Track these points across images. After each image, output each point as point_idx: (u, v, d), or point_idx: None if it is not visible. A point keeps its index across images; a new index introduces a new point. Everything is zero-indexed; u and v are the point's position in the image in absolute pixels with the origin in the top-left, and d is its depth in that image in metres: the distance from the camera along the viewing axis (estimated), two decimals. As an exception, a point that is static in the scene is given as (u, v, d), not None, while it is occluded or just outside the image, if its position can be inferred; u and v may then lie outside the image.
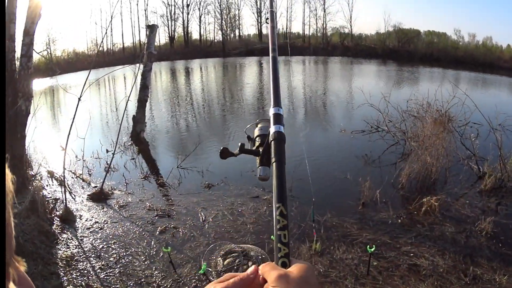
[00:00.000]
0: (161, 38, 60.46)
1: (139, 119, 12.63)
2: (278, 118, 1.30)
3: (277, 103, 1.36)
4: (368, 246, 5.34)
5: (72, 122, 7.64)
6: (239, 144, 1.38)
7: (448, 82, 21.29)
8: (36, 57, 8.78)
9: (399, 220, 7.06)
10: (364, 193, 7.78)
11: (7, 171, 0.82)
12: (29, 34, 8.11)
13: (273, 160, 1.20)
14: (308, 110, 19.04)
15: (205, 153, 11.44)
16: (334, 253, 5.95)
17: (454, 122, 10.49)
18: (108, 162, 9.77)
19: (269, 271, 0.94)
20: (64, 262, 5.74)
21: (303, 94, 23.09)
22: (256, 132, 1.46)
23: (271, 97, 1.39)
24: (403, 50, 54.10)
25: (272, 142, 1.24)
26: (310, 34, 66.46)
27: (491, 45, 52.19)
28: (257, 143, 1.42)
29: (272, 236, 5.73)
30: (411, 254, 5.91)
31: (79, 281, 5.30)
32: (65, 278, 5.36)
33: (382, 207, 7.59)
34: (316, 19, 65.96)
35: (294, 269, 0.94)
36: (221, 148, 1.44)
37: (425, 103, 10.76)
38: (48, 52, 45.00)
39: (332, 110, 19.02)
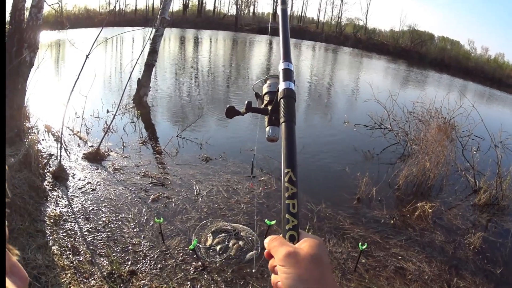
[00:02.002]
0: (175, 5, 60.23)
1: (143, 83, 12.54)
2: (288, 74, 1.21)
3: (287, 58, 1.26)
4: (360, 243, 5.33)
5: (77, 78, 7.51)
6: (246, 102, 1.33)
7: (455, 90, 21.29)
8: (46, 9, 8.67)
9: (392, 221, 7.05)
10: (361, 189, 7.74)
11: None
12: (42, -15, 8.04)
13: (282, 119, 1.13)
14: (313, 96, 18.91)
15: (206, 125, 11.42)
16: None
17: (457, 132, 10.46)
18: (108, 123, 9.72)
19: (277, 247, 0.88)
20: (52, 220, 5.66)
21: (309, 79, 22.96)
22: (265, 89, 1.38)
23: (280, 51, 1.27)
24: (415, 51, 54.04)
25: (281, 100, 1.16)
26: (324, 21, 66.31)
27: (503, 62, 52.17)
28: (265, 101, 1.35)
29: (266, 220, 5.73)
30: (399, 257, 5.91)
31: (65, 242, 5.22)
32: (51, 237, 5.27)
33: (377, 205, 7.58)
34: (333, 7, 65.97)
35: (305, 246, 0.86)
36: (227, 106, 1.37)
37: (431, 108, 10.72)
38: (59, 5, 44.56)
39: (338, 100, 18.95)
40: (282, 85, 1.19)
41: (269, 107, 1.28)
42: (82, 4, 52.91)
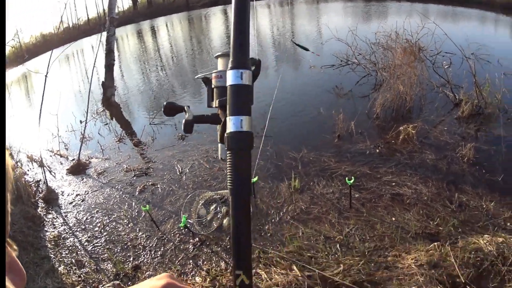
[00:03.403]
0: (125, 2, 59.48)
1: (108, 84, 12.49)
2: (239, 56, 0.88)
3: (242, 24, 0.90)
4: (347, 178, 5.27)
5: (42, 100, 7.51)
6: (186, 108, 1.08)
7: (416, 14, 21.12)
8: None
9: (377, 150, 7.05)
10: (339, 126, 7.70)
11: (8, 158, 0.76)
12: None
13: (227, 145, 0.85)
14: (275, 52, 18.65)
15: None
16: (314, 188, 5.96)
17: (425, 52, 10.39)
18: (82, 133, 9.68)
19: None
20: (53, 243, 5.72)
21: (271, 36, 22.71)
22: (214, 81, 1.05)
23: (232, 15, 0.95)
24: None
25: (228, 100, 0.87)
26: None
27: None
28: (216, 98, 1.05)
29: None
30: (393, 184, 5.89)
31: (69, 259, 5.29)
32: (55, 259, 5.34)
33: (358, 138, 7.58)
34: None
35: None
36: (164, 103, 1.11)
37: (393, 34, 10.63)
38: (16, 41, 43.97)
39: (300, 49, 18.75)
40: (229, 77, 0.88)
41: (220, 112, 0.98)
42: (37, 32, 52.10)
